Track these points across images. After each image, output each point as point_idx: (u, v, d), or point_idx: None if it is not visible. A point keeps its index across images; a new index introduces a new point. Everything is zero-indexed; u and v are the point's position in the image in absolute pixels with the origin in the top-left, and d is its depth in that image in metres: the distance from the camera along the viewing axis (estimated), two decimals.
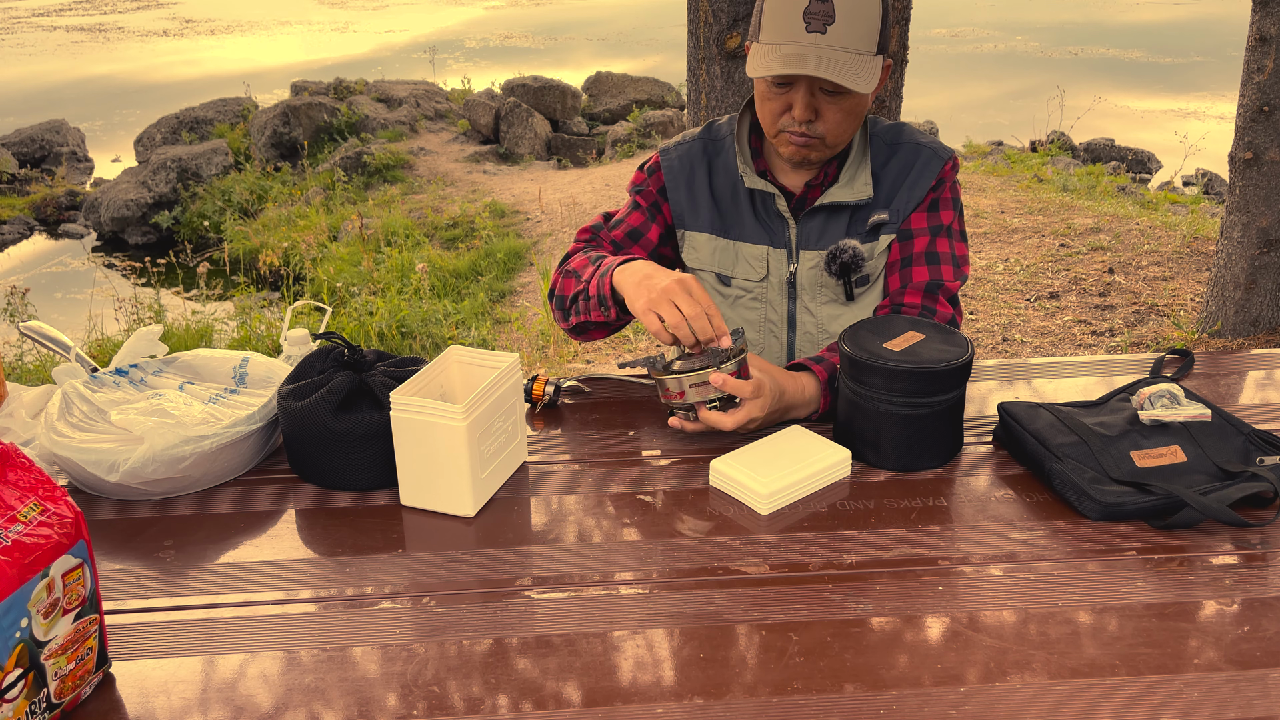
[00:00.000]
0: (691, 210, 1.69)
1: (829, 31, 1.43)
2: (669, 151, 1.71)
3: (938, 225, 1.63)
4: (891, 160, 1.63)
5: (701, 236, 1.69)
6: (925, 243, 1.62)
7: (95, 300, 6.18)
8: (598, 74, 11.30)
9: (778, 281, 1.67)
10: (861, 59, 1.46)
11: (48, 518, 0.94)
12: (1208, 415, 1.33)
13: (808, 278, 1.65)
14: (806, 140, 1.54)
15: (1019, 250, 5.61)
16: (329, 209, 8.13)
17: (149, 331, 1.54)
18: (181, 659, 1.05)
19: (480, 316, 5.68)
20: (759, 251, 1.66)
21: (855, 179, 1.62)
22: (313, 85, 10.70)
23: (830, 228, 1.64)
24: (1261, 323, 4.39)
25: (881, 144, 1.64)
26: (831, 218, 1.63)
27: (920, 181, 1.61)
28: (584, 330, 1.65)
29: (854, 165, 1.62)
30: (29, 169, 10.48)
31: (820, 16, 1.43)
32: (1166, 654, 1.03)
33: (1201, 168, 8.93)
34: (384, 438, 1.31)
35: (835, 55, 1.44)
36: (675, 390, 1.40)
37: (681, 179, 1.69)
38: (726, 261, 1.69)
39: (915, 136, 1.65)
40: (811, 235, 1.64)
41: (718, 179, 1.68)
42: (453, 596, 1.14)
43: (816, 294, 1.66)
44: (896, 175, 1.63)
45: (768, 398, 1.41)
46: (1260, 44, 4.10)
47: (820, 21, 1.43)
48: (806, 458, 1.34)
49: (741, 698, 0.98)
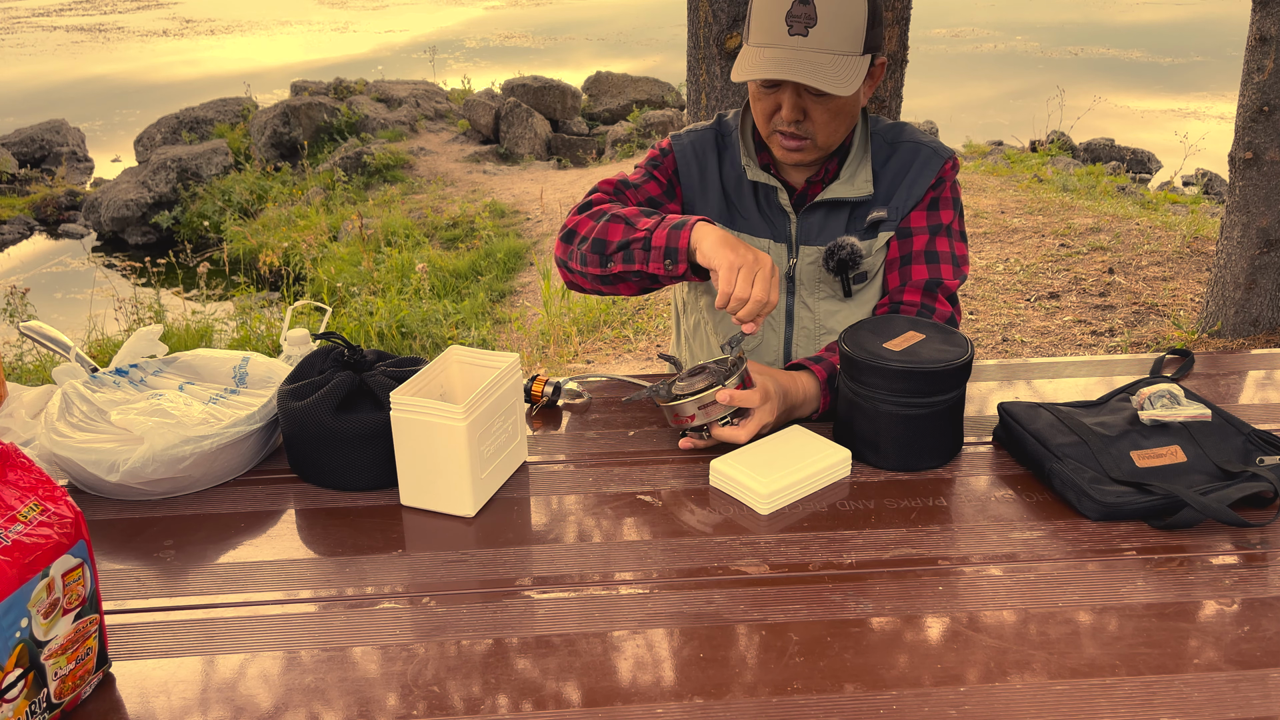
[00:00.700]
0: (702, 197, 1.69)
1: (811, 34, 1.45)
2: (681, 137, 1.71)
3: (937, 224, 1.63)
4: (892, 159, 1.64)
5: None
6: (924, 241, 1.63)
7: (95, 300, 6.18)
8: (598, 74, 11.30)
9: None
10: (844, 60, 1.47)
11: (48, 518, 0.94)
12: (1208, 415, 1.33)
13: (807, 273, 1.66)
14: (797, 142, 1.55)
15: (1019, 250, 5.61)
16: (329, 209, 8.13)
17: (149, 331, 1.54)
18: (181, 659, 1.05)
19: (480, 316, 5.68)
20: (761, 244, 1.67)
21: (856, 176, 1.63)
22: (313, 85, 10.69)
23: (830, 224, 1.64)
24: (1261, 323, 4.39)
25: (882, 142, 1.65)
26: (831, 214, 1.64)
27: (920, 180, 1.62)
28: (618, 281, 1.55)
29: (855, 162, 1.63)
30: (29, 169, 10.48)
31: (802, 19, 1.45)
32: (1166, 654, 1.03)
33: (1201, 168, 8.93)
34: (384, 438, 1.31)
35: (816, 58, 1.45)
36: (687, 414, 1.39)
37: (694, 164, 1.69)
38: None
39: (916, 136, 1.66)
40: (812, 231, 1.65)
41: (726, 170, 1.69)
42: (453, 596, 1.14)
43: (815, 289, 1.67)
44: (896, 173, 1.63)
45: (775, 400, 1.41)
46: (1260, 44, 4.10)
47: (802, 24, 1.45)
48: (807, 458, 1.34)
49: (741, 698, 0.98)
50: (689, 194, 1.70)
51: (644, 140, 9.86)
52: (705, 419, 1.38)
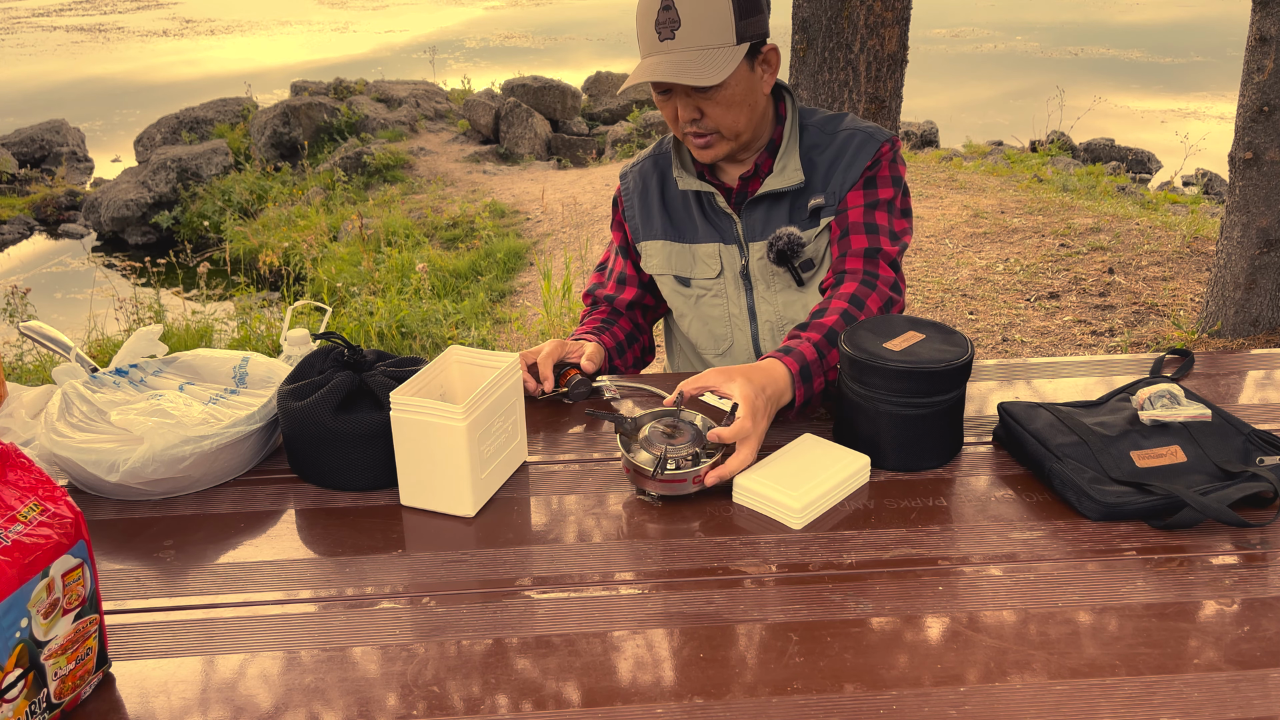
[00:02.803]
0: (645, 222, 1.78)
1: (678, 36, 1.51)
2: (626, 175, 1.83)
3: (874, 200, 1.65)
4: (829, 147, 1.67)
5: (655, 244, 1.77)
6: (860, 214, 1.65)
7: (95, 300, 6.17)
8: (598, 74, 11.31)
9: (732, 276, 1.73)
10: (714, 53, 1.52)
11: (48, 518, 0.94)
12: (1208, 415, 1.33)
13: (758, 268, 1.71)
14: (704, 138, 1.61)
15: (1019, 250, 5.61)
16: (329, 209, 8.13)
17: (149, 331, 1.54)
18: (181, 659, 1.05)
19: (480, 316, 5.68)
20: (711, 250, 1.73)
21: (786, 167, 1.67)
22: (313, 85, 10.70)
23: (773, 217, 1.68)
24: (1261, 323, 4.39)
25: (819, 132, 1.69)
26: (773, 208, 1.68)
27: (855, 163, 1.65)
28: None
29: (785, 154, 1.67)
30: (29, 169, 10.48)
31: (668, 24, 1.52)
32: (1166, 654, 1.03)
33: (1201, 168, 8.93)
34: (384, 438, 1.31)
35: (684, 57, 1.51)
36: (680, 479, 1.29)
37: (636, 196, 1.79)
38: (684, 264, 1.75)
39: (855, 123, 1.69)
40: (756, 227, 1.69)
41: (669, 189, 1.77)
42: (453, 596, 1.14)
43: (770, 283, 1.71)
44: (833, 160, 1.66)
45: (759, 410, 1.34)
46: (1260, 44, 4.10)
47: (669, 28, 1.52)
48: (830, 467, 1.32)
49: (741, 698, 0.98)
50: (633, 225, 1.80)
51: (644, 140, 9.86)
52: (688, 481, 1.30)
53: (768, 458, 1.35)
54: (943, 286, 5.20)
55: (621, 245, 1.84)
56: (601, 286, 1.87)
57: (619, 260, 1.85)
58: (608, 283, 1.86)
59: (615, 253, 1.86)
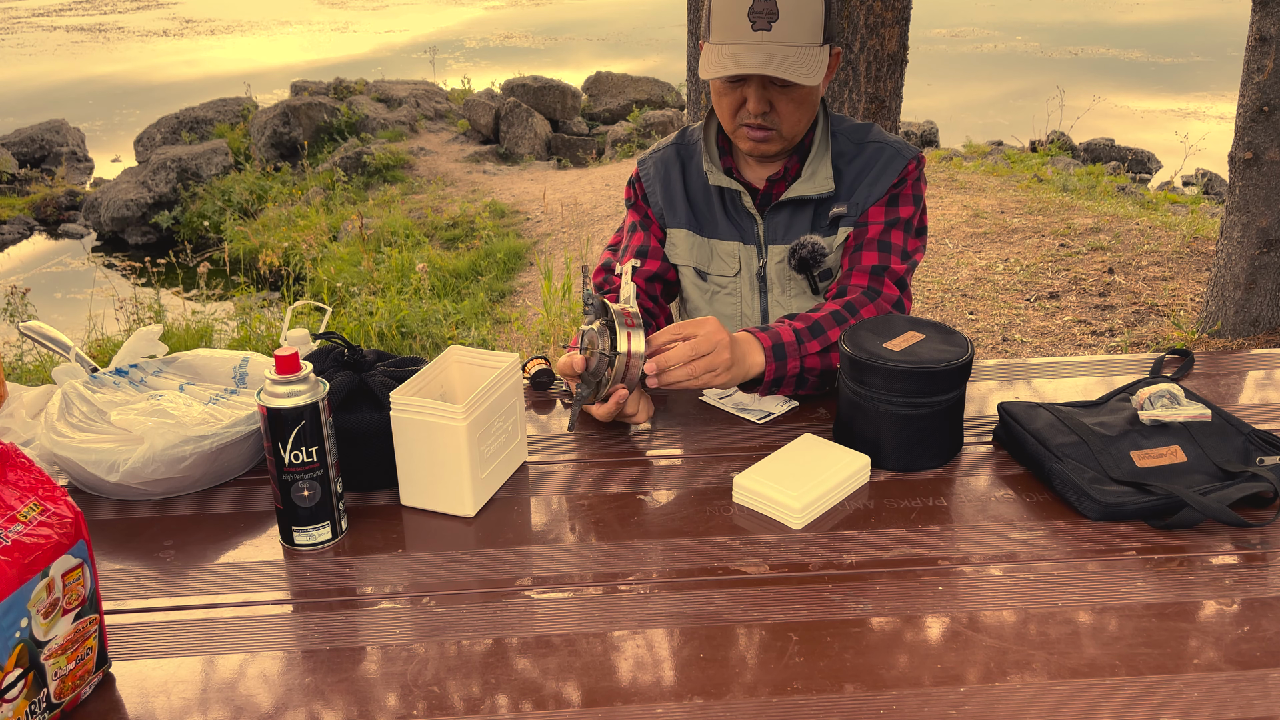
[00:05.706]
0: (670, 209, 1.75)
1: (774, 28, 1.49)
2: (645, 161, 1.80)
3: (895, 218, 1.65)
4: (857, 158, 1.67)
5: (680, 233, 1.75)
6: (879, 230, 1.65)
7: (95, 300, 6.17)
8: (598, 74, 11.30)
9: (749, 276, 1.73)
10: (808, 51, 1.51)
11: (48, 518, 0.94)
12: (1208, 415, 1.33)
13: (775, 272, 1.70)
14: (764, 132, 1.59)
15: (1019, 250, 5.61)
16: (329, 209, 8.13)
17: (149, 331, 1.54)
18: (181, 659, 1.05)
19: (480, 316, 5.68)
20: (731, 248, 1.72)
21: (817, 173, 1.66)
22: (313, 85, 10.69)
23: (795, 223, 1.68)
24: (1261, 323, 4.39)
25: (847, 141, 1.69)
26: (796, 213, 1.68)
27: (882, 179, 1.65)
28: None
29: (815, 160, 1.67)
30: (29, 169, 10.48)
31: (765, 14, 1.49)
32: (1166, 654, 1.03)
33: (1201, 168, 8.93)
34: (384, 438, 1.31)
35: (782, 51, 1.50)
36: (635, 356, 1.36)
37: (658, 182, 1.76)
38: (703, 257, 1.75)
39: (882, 136, 1.69)
40: (778, 230, 1.69)
41: (691, 180, 1.75)
42: (453, 596, 1.14)
43: (785, 288, 1.71)
44: (860, 171, 1.66)
45: (717, 332, 1.40)
46: (1260, 44, 4.10)
47: (765, 19, 1.49)
48: (830, 467, 1.32)
49: (741, 698, 0.98)
50: (658, 209, 1.77)
51: (644, 140, 9.86)
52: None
53: (768, 458, 1.35)
54: (943, 286, 5.20)
55: (642, 221, 1.79)
56: (618, 260, 1.80)
57: (639, 234, 1.79)
58: (624, 257, 1.80)
59: (634, 229, 1.80)
